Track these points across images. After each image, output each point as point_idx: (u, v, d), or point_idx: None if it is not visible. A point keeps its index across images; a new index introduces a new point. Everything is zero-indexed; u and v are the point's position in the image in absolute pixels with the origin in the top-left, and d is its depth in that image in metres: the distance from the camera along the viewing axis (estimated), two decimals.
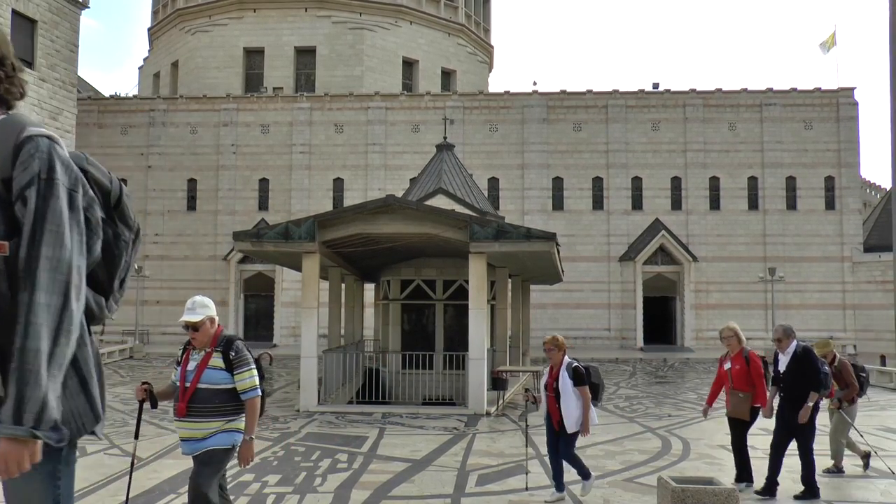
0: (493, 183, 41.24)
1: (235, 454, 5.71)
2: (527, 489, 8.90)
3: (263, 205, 41.83)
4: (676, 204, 40.98)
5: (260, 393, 5.75)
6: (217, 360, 5.64)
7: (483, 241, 15.52)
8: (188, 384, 5.63)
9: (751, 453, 9.11)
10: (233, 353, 5.63)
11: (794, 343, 8.56)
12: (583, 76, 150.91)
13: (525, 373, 22.38)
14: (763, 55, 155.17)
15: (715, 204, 40.88)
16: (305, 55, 47.87)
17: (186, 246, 41.77)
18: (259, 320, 41.41)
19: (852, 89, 41.09)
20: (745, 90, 41.42)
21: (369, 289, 27.15)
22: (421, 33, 50.00)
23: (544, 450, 11.62)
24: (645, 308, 39.73)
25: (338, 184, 41.72)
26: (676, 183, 41.07)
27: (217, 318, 5.91)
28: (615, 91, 41.67)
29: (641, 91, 41.85)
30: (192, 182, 42.20)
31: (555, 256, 17.60)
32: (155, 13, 53.97)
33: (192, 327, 5.69)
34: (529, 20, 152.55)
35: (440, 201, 24.09)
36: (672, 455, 11.30)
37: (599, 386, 8.50)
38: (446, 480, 9.54)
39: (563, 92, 41.92)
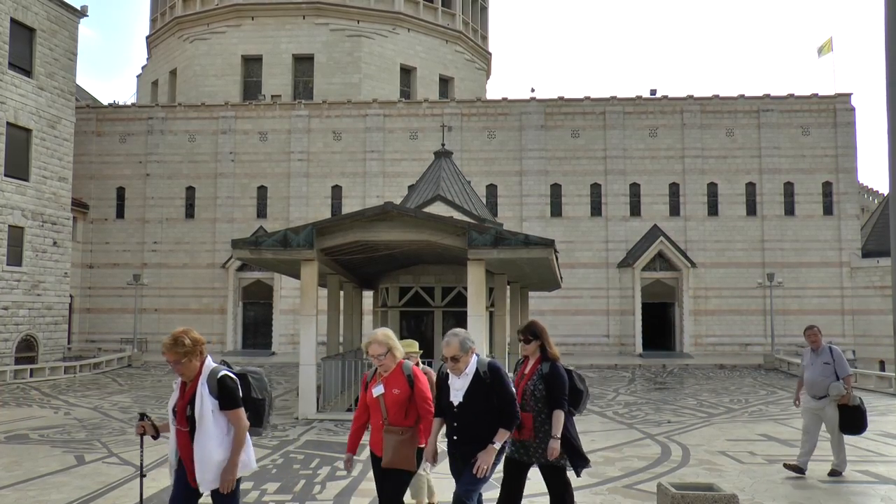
0: (492, 190, 41.27)
1: None
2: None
3: (262, 212, 41.82)
4: (674, 210, 41.02)
5: None
6: None
7: (481, 248, 15.51)
8: None
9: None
10: None
11: (475, 359, 5.78)
12: (580, 83, 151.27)
13: None
14: (760, 61, 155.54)
15: (713, 210, 40.91)
16: (303, 63, 47.96)
17: (185, 254, 41.74)
18: (258, 328, 41.34)
19: (849, 95, 41.20)
20: (742, 96, 41.51)
21: (368, 296, 27.16)
22: (419, 40, 50.11)
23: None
24: (643, 314, 39.71)
25: (336, 191, 41.73)
26: (674, 189, 41.13)
27: None
28: (613, 98, 41.74)
29: (639, 97, 41.93)
30: (190, 190, 42.20)
31: (553, 263, 17.59)
32: (153, 21, 54.10)
33: None
34: (527, 27, 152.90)
35: (438, 208, 24.08)
36: (671, 461, 11.28)
37: (264, 403, 5.28)
38: (445, 487, 9.51)
39: (561, 99, 42.00)
